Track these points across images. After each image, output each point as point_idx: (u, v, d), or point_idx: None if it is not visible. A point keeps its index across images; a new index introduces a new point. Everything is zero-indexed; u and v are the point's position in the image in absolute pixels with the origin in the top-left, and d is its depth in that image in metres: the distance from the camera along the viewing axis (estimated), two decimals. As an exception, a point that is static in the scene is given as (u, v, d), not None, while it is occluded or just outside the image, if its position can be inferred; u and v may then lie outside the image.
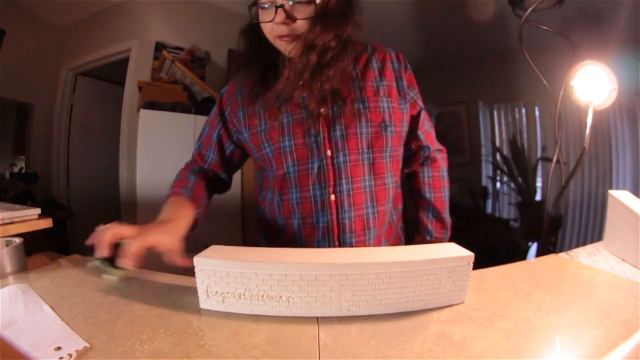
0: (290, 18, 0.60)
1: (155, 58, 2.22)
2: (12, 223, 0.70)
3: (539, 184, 2.54)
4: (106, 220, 0.54)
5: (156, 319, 0.45)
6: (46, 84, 2.54)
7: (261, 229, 0.79)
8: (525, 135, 2.80)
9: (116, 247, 0.52)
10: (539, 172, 2.56)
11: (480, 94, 3.01)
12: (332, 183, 0.66)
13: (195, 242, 0.61)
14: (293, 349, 0.39)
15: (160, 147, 2.00)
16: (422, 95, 0.77)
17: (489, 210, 2.93)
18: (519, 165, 2.56)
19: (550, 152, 2.46)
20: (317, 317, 0.45)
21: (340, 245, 0.67)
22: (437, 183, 0.79)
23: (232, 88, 0.76)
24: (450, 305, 0.48)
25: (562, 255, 0.71)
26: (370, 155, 0.67)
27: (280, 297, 0.45)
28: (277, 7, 0.60)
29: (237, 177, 2.27)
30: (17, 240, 0.63)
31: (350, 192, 0.66)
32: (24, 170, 2.46)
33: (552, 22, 1.00)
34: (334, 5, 0.64)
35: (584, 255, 0.70)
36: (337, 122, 0.66)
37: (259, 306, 0.45)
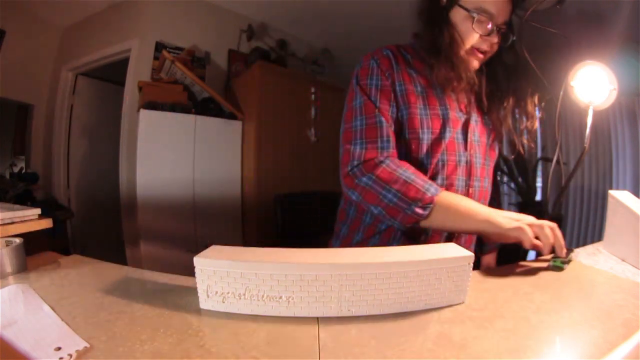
0: (502, 41, 0.73)
1: (155, 58, 2.22)
2: (12, 223, 0.70)
3: (539, 184, 2.54)
4: (106, 220, 0.54)
5: (156, 319, 0.45)
6: (46, 84, 2.54)
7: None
8: (525, 136, 2.80)
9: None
10: (539, 172, 2.55)
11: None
12: (472, 177, 0.77)
13: (195, 242, 0.61)
14: (293, 349, 0.39)
15: (160, 147, 2.00)
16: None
17: (489, 210, 2.92)
18: (519, 165, 2.56)
19: (550, 152, 2.45)
20: (317, 317, 0.45)
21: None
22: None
23: (387, 60, 0.73)
24: (450, 305, 0.48)
25: (562, 255, 0.71)
26: (488, 162, 0.83)
27: (280, 297, 0.45)
28: (499, 31, 0.71)
29: (237, 176, 2.29)
30: (17, 240, 0.63)
31: (476, 189, 0.79)
32: (24, 170, 2.46)
33: (552, 22, 0.99)
34: None
35: (584, 256, 0.70)
36: (475, 128, 0.78)
37: (259, 306, 0.45)
